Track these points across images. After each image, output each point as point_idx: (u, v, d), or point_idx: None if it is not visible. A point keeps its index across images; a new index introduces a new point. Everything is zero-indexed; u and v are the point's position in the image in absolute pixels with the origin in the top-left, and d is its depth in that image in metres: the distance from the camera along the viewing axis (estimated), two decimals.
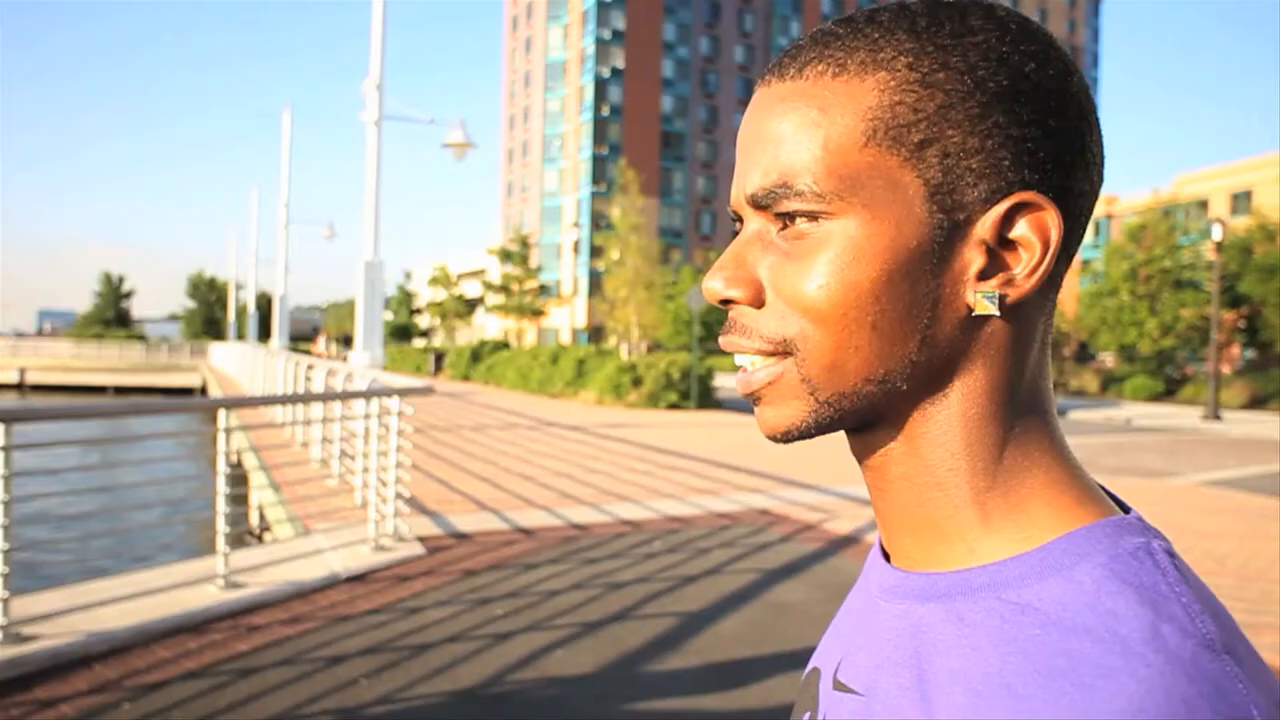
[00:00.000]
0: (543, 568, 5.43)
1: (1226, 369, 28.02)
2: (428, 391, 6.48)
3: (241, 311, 41.75)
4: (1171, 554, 0.43)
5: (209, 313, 72.19)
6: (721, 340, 0.49)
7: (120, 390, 42.72)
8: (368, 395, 6.22)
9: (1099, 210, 59.49)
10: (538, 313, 47.64)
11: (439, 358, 38.66)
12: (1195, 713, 0.35)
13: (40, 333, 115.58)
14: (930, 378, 0.46)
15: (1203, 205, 43.48)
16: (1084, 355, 42.15)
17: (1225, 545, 6.56)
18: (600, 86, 66.91)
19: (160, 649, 3.89)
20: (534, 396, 23.92)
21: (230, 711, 3.29)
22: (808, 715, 0.56)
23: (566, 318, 65.16)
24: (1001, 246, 0.45)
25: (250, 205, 32.18)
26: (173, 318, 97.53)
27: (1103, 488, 0.49)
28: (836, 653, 0.54)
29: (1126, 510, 0.47)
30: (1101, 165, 0.48)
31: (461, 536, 6.19)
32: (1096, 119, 0.47)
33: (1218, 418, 20.18)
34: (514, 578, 5.18)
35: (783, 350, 0.47)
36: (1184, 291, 28.97)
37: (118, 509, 8.27)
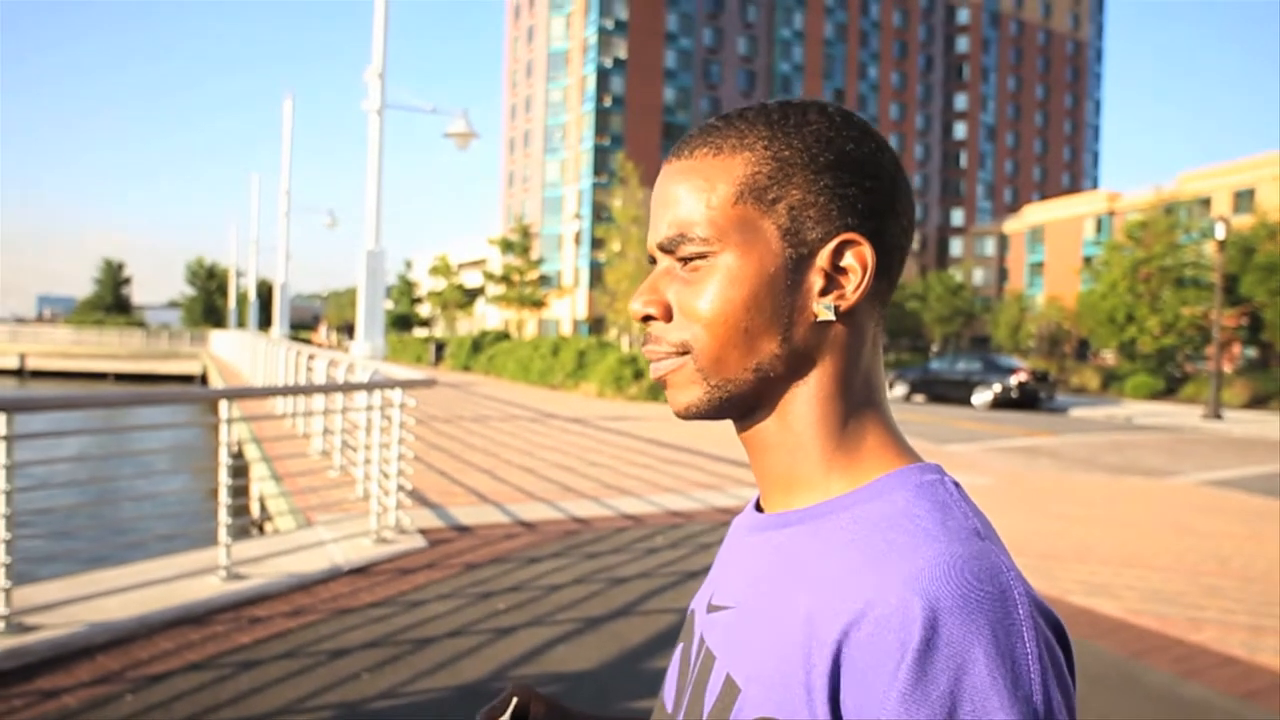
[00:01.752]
0: (544, 562, 5.42)
1: (1228, 368, 28.02)
2: (430, 384, 6.46)
3: (242, 299, 41.70)
4: (957, 485, 0.61)
5: (209, 300, 72.06)
6: (643, 349, 0.68)
7: (121, 377, 42.72)
8: (370, 387, 6.20)
9: (1102, 206, 59.49)
10: (538, 304, 47.56)
11: (440, 348, 38.61)
12: (967, 565, 0.52)
13: (40, 318, 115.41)
14: (793, 368, 0.64)
15: (1205, 203, 43.41)
16: (1084, 352, 42.13)
17: (1227, 546, 6.55)
18: (602, 77, 66.70)
19: (162, 640, 3.88)
20: (534, 388, 23.90)
21: (233, 704, 3.28)
22: (680, 646, 0.72)
23: (567, 309, 65.08)
24: (835, 271, 0.63)
25: (251, 193, 32.12)
26: (173, 305, 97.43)
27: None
28: (709, 589, 0.71)
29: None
30: (911, 212, 0.66)
31: (463, 529, 6.18)
32: (904, 181, 0.65)
33: (1219, 417, 20.17)
34: (516, 571, 5.18)
35: (684, 350, 0.64)
36: (1185, 290, 28.92)
37: (118, 498, 8.26)
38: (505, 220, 70.09)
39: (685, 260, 0.64)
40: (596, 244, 58.95)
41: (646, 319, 0.66)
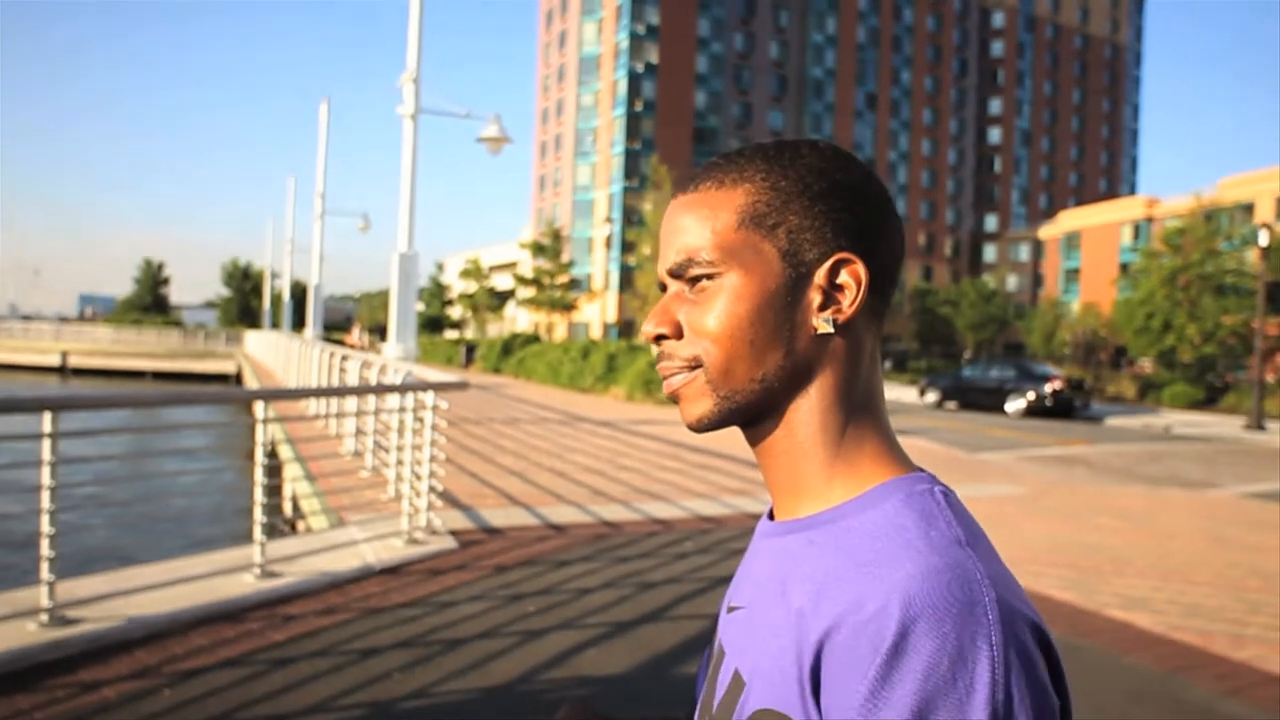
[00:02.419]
0: (574, 565, 5.43)
1: (1271, 377, 27.40)
2: (463, 387, 6.50)
3: (276, 300, 42.24)
4: (947, 494, 0.65)
5: (244, 301, 73.06)
6: (657, 366, 0.73)
7: (158, 375, 43.47)
8: (402, 389, 6.25)
9: (1140, 212, 58.61)
10: (569, 307, 47.72)
11: (470, 350, 38.85)
12: (940, 575, 0.56)
13: (81, 317, 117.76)
14: (796, 379, 0.68)
15: (1248, 209, 42.55)
16: (1120, 360, 41.44)
17: (1272, 562, 6.39)
18: (634, 81, 66.85)
19: (198, 636, 3.93)
20: (564, 391, 23.97)
21: (266, 701, 3.32)
22: (709, 649, 0.77)
23: (597, 312, 65.23)
24: (832, 288, 0.68)
25: (287, 196, 32.58)
26: (209, 305, 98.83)
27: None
28: (730, 593, 0.75)
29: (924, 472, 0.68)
30: (899, 235, 0.71)
31: (493, 531, 6.21)
32: (891, 206, 0.71)
33: (1261, 428, 19.74)
34: (545, 574, 5.19)
35: (695, 364, 0.69)
36: (1226, 298, 28.33)
37: (155, 495, 8.39)
38: (536, 224, 70.44)
39: (693, 283, 0.69)
40: (627, 248, 59.02)
41: (659, 339, 0.71)
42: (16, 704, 3.18)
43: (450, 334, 61.67)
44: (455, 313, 64.96)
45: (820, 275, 0.67)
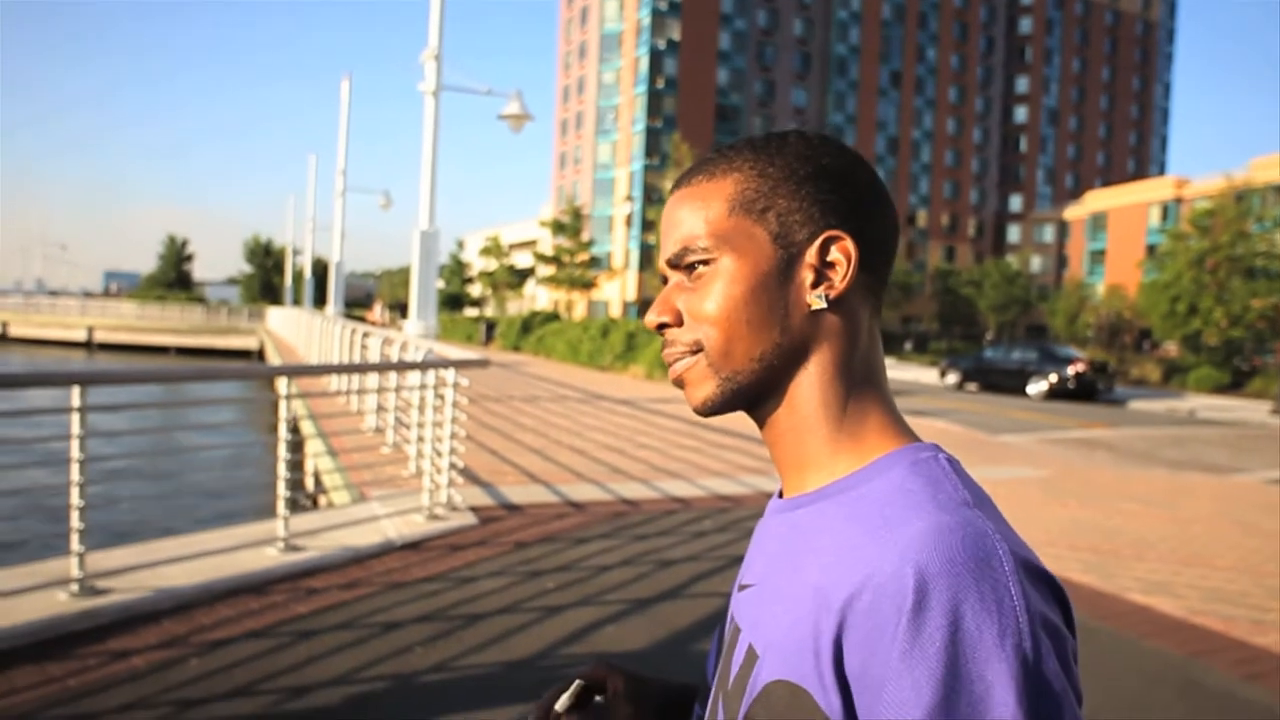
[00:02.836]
0: (593, 542, 5.47)
1: None
2: (483, 364, 6.53)
3: (298, 277, 42.53)
4: (951, 460, 0.67)
5: (266, 277, 73.51)
6: (662, 354, 0.75)
7: (182, 351, 43.97)
8: (424, 366, 6.29)
9: (1169, 193, 57.65)
10: (588, 285, 47.68)
11: (490, 327, 38.99)
12: (953, 532, 0.57)
13: (106, 293, 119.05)
14: (795, 356, 0.70)
15: (1279, 191, 41.73)
16: (1144, 343, 40.95)
17: None
18: (655, 58, 66.30)
19: (224, 607, 4.00)
20: (583, 369, 24.03)
21: (291, 672, 3.38)
22: (719, 628, 0.79)
23: (617, 291, 65.17)
24: (824, 266, 0.70)
25: (308, 173, 32.68)
26: (231, 281, 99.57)
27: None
28: (741, 574, 0.76)
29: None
30: (891, 217, 0.73)
31: (513, 508, 6.26)
32: (881, 189, 0.73)
33: None
34: (565, 551, 5.23)
35: (695, 349, 0.71)
36: (1256, 281, 27.88)
37: (180, 470, 8.52)
38: (556, 202, 70.27)
39: (691, 271, 0.72)
40: (647, 226, 58.84)
41: (662, 327, 0.74)
42: (49, 671, 3.25)
43: (470, 312, 61.85)
44: (475, 290, 65.11)
45: (811, 254, 0.69)
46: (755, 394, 0.72)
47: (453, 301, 62.71)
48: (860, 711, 0.57)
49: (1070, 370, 21.58)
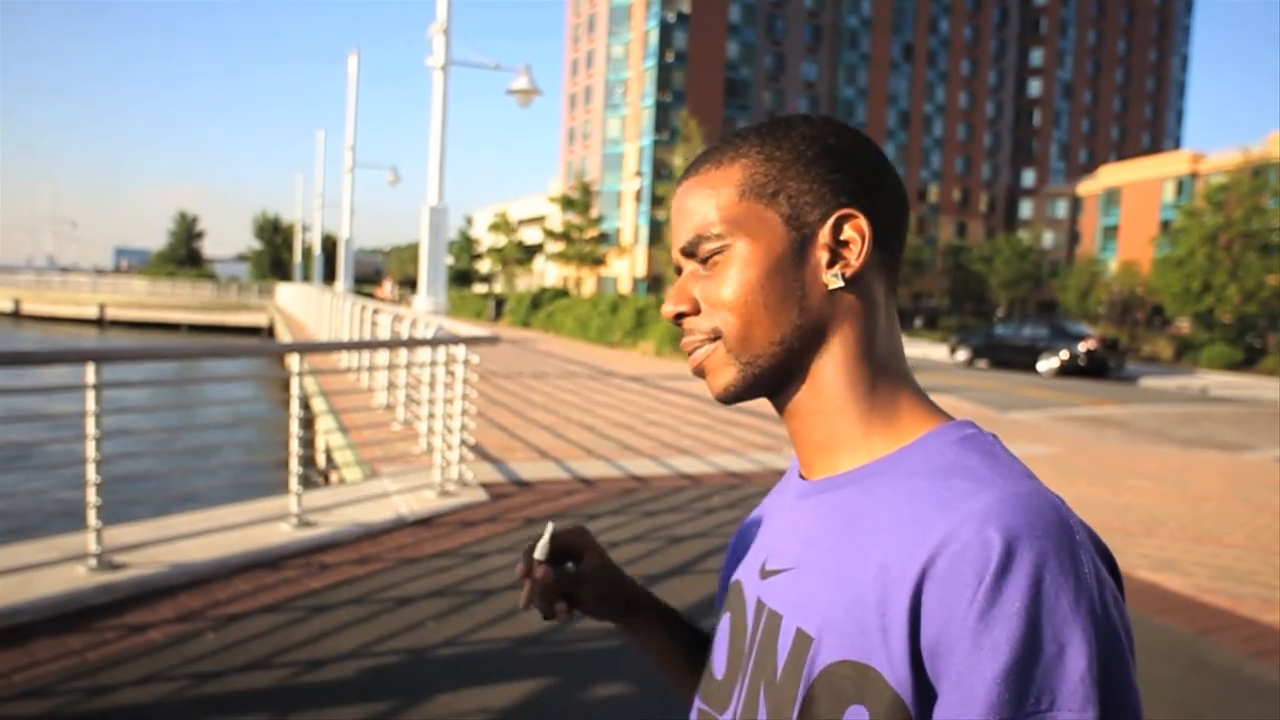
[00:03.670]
0: (603, 519, 5.50)
1: None
2: (494, 341, 6.55)
3: (307, 253, 42.55)
4: (996, 438, 0.68)
5: (275, 254, 73.66)
6: (682, 343, 0.74)
7: (193, 328, 44.17)
8: (434, 343, 6.31)
9: (1184, 168, 57.02)
10: (598, 261, 47.62)
11: (499, 304, 39.02)
12: (1029, 500, 0.58)
13: (117, 269, 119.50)
14: (814, 338, 0.70)
15: None
16: (1156, 320, 40.70)
17: None
18: (665, 32, 65.69)
19: (239, 582, 4.06)
20: (593, 345, 24.04)
21: (305, 646, 3.43)
22: (729, 615, 0.77)
23: (626, 267, 65.04)
24: (838, 245, 0.70)
25: (317, 149, 32.63)
26: (240, 258, 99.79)
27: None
28: (758, 560, 0.76)
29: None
30: (900, 195, 0.73)
31: (523, 484, 6.30)
32: (889, 167, 0.73)
33: None
34: None
35: (714, 336, 0.71)
36: (1271, 256, 27.61)
37: (193, 446, 8.59)
38: (565, 177, 70.02)
39: (705, 260, 0.72)
40: (657, 202, 58.61)
41: (679, 317, 0.73)
42: (69, 644, 3.31)
43: (479, 288, 61.90)
44: (484, 267, 65.10)
45: (824, 233, 0.69)
46: (777, 378, 0.72)
47: (462, 278, 62.76)
48: (935, 679, 0.57)
49: (1081, 347, 21.48)
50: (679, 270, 0.76)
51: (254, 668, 3.22)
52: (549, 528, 0.87)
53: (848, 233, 0.69)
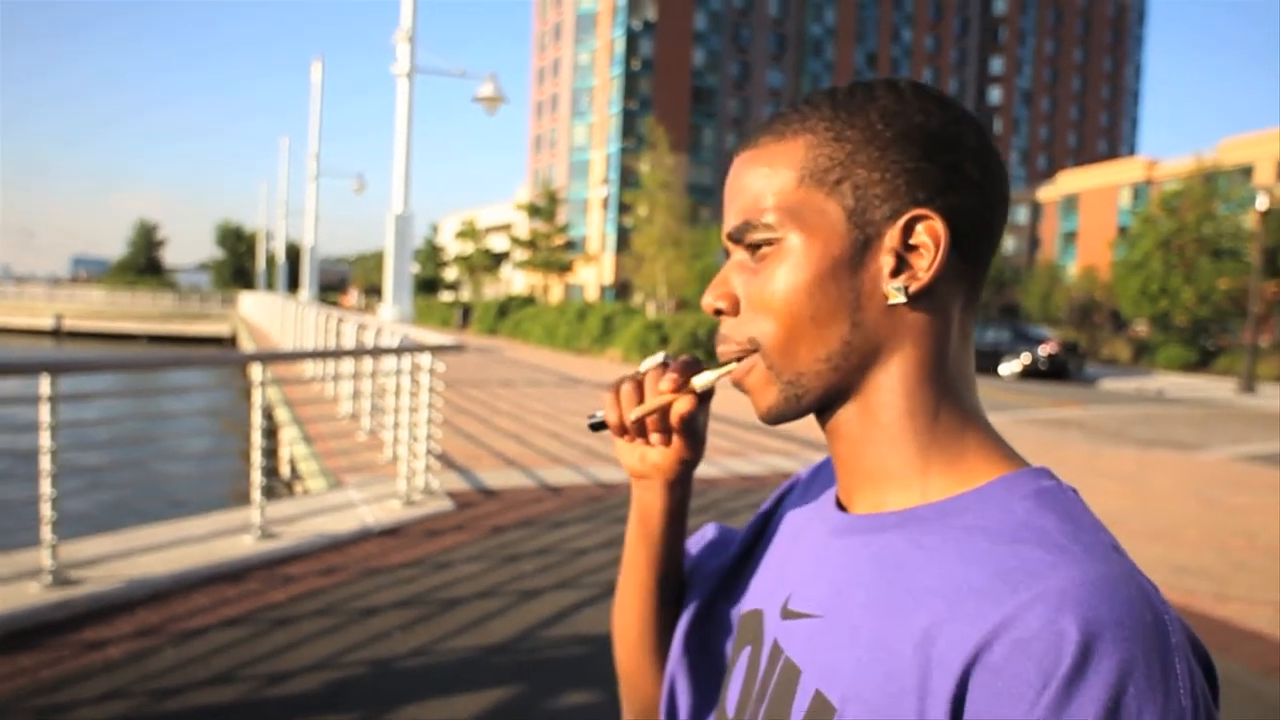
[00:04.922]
0: (570, 526, 5.50)
1: (1263, 341, 27.49)
2: (460, 349, 6.52)
3: (271, 262, 42.07)
4: (1076, 494, 0.57)
5: (238, 262, 72.60)
6: (717, 351, 0.65)
7: (153, 338, 43.35)
8: (400, 352, 6.27)
9: (1139, 174, 58.21)
10: (565, 269, 47.55)
11: (466, 312, 38.84)
12: (1118, 588, 0.47)
13: (74, 279, 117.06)
14: (869, 355, 0.60)
15: (1247, 172, 42.31)
16: (1116, 323, 41.51)
17: (1256, 522, 6.49)
18: (631, 40, 65.89)
19: (199, 596, 3.99)
20: (560, 353, 24.00)
21: (269, 659, 3.38)
22: (748, 649, 0.68)
23: (593, 275, 65.02)
24: (907, 250, 0.58)
25: (280, 156, 32.27)
26: (202, 267, 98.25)
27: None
28: (781, 591, 0.66)
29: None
30: (1000, 188, 0.61)
31: (490, 493, 6.27)
32: (989, 154, 0.60)
33: (1252, 391, 19.86)
34: (542, 535, 5.25)
35: (752, 347, 0.62)
36: (1223, 261, 28.31)
37: (153, 458, 8.44)
38: (532, 185, 69.89)
39: (754, 249, 0.62)
40: (624, 209, 58.64)
41: (718, 312, 0.65)
42: (21, 663, 3.24)
43: (446, 296, 61.49)
44: (451, 274, 64.71)
45: (892, 236, 0.58)
46: (826, 398, 0.61)
47: (428, 286, 62.33)
48: None
49: (1042, 350, 21.87)
50: (726, 254, 0.66)
51: (216, 682, 3.17)
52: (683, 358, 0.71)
53: (919, 237, 0.58)
